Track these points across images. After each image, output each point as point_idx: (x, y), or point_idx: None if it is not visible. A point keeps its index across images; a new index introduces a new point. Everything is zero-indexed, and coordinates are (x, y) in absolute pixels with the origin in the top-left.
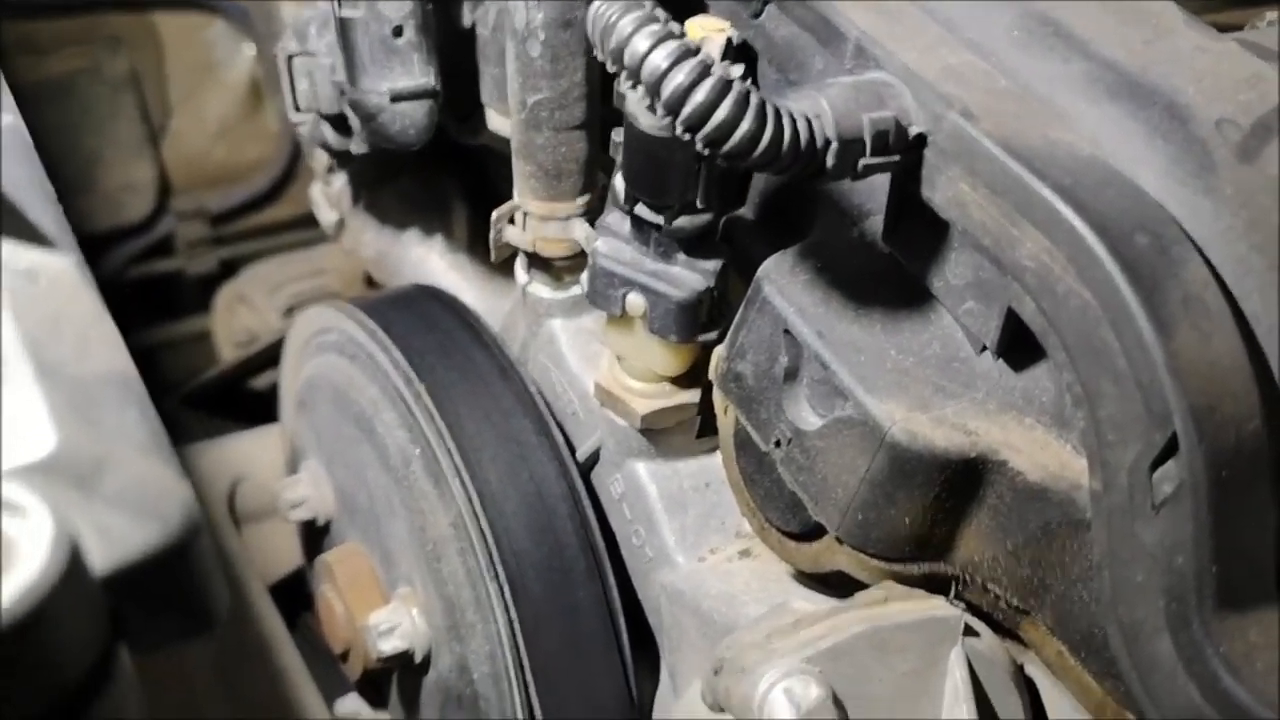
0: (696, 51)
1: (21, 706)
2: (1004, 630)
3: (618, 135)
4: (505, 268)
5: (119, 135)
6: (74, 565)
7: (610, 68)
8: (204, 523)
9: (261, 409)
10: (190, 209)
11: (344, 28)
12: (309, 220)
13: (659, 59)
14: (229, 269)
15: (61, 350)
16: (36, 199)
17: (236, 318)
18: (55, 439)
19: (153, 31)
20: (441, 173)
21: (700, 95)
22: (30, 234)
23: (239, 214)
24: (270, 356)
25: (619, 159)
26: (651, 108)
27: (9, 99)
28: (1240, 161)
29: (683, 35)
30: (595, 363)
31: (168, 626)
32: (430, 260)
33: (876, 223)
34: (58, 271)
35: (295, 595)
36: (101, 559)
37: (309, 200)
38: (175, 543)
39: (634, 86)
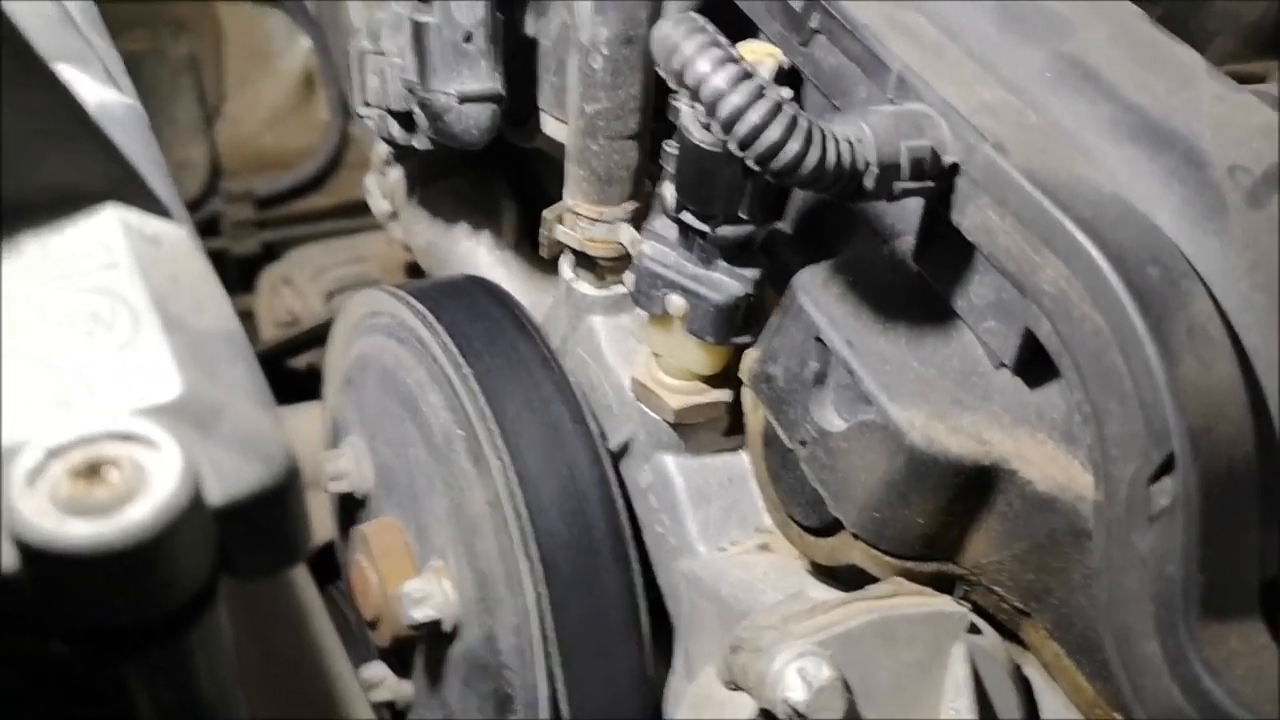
0: (753, 76)
1: (139, 618)
2: (1005, 631)
3: (670, 146)
4: (546, 265)
5: (177, 116)
6: (197, 495)
7: (672, 85)
8: (300, 467)
9: (297, 388)
10: (238, 191)
11: (418, 32)
12: (349, 209)
13: (719, 81)
14: (270, 252)
15: (181, 308)
16: (156, 174)
17: (280, 299)
18: (180, 384)
19: (214, 19)
20: (492, 173)
21: (754, 116)
22: (154, 205)
23: (284, 199)
24: (310, 338)
25: (670, 169)
26: (707, 124)
27: (128, 82)
28: (1249, 206)
29: (740, 60)
30: (631, 359)
31: (264, 558)
32: (478, 254)
33: (906, 243)
34: (176, 239)
35: (324, 568)
36: (214, 493)
37: (358, 189)
38: (278, 483)
39: (693, 104)
